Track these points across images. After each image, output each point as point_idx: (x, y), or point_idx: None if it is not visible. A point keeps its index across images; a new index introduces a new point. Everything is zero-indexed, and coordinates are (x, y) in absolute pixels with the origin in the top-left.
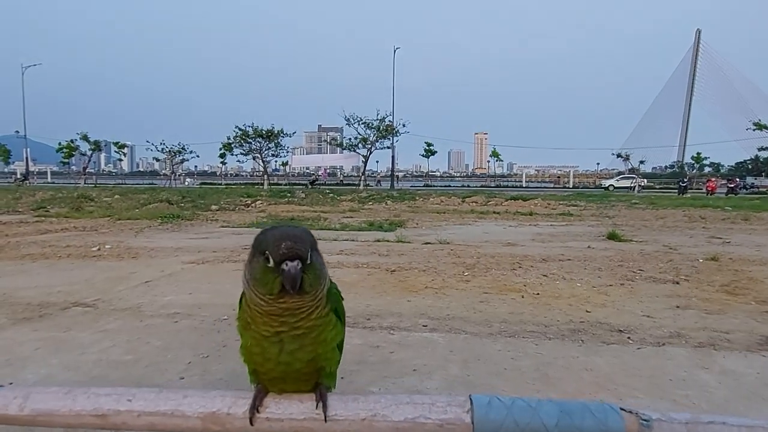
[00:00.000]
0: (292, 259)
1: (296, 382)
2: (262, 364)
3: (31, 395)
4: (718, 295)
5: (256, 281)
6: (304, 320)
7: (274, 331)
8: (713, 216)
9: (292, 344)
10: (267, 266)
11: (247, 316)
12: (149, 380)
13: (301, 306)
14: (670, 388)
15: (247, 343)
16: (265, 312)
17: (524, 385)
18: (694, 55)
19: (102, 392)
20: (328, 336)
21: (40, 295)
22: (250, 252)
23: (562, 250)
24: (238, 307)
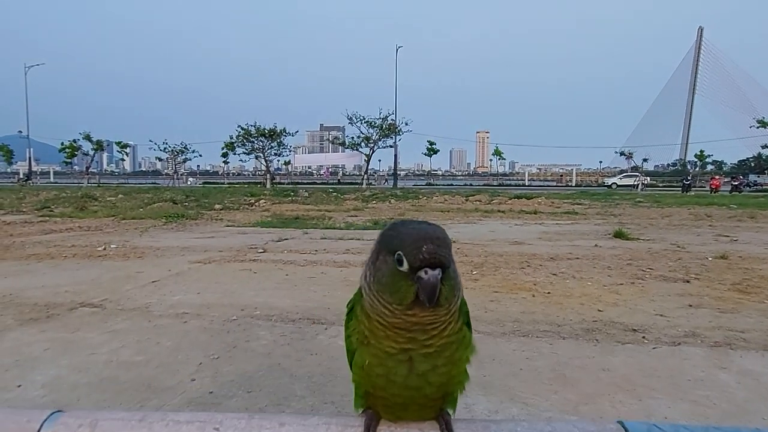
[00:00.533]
0: (432, 267)
1: (421, 409)
2: (385, 388)
3: (99, 423)
4: (730, 294)
5: (382, 287)
6: (435, 338)
7: (400, 347)
8: (719, 214)
9: (424, 365)
10: (399, 270)
11: (364, 328)
12: (161, 382)
13: (434, 321)
14: (690, 389)
15: (364, 361)
16: (389, 324)
17: (541, 385)
18: (696, 53)
19: (182, 418)
20: (462, 355)
21: (46, 295)
22: (374, 248)
23: (570, 248)
24: (348, 315)
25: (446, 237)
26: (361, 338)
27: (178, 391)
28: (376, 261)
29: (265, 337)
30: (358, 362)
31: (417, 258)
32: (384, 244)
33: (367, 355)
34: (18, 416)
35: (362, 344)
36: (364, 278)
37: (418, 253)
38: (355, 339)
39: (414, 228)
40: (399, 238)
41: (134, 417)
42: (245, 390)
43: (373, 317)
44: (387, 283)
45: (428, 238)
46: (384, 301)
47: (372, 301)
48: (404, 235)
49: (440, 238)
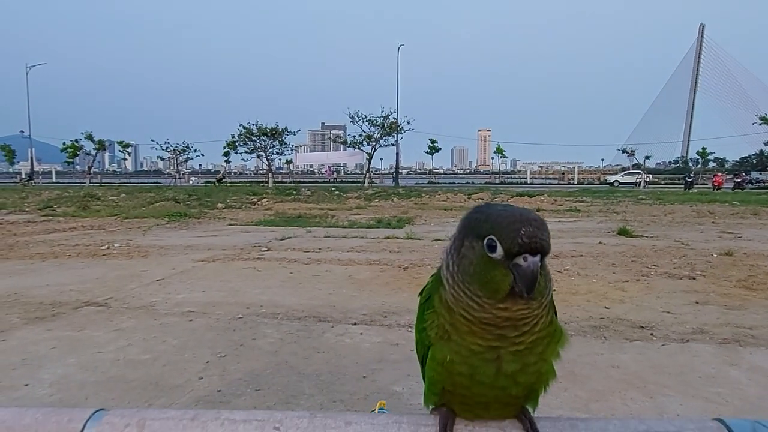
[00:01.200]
0: (533, 253)
1: (502, 407)
2: (468, 387)
3: (147, 422)
4: (736, 291)
5: (469, 277)
6: (527, 334)
7: (487, 345)
8: (722, 211)
9: (513, 364)
10: (490, 258)
11: (444, 322)
12: (169, 380)
13: (526, 316)
14: (701, 386)
15: (444, 358)
16: (476, 319)
17: None
18: (697, 50)
19: (238, 417)
20: (553, 350)
21: (51, 294)
22: (458, 234)
23: (574, 245)
24: (422, 307)
25: (544, 220)
26: (440, 333)
27: (186, 390)
28: (461, 248)
29: (271, 335)
30: (437, 358)
31: (515, 243)
32: (470, 228)
33: (448, 351)
34: (58, 416)
35: (441, 339)
36: (447, 268)
37: (516, 237)
38: (433, 333)
39: (506, 209)
40: (490, 221)
41: (185, 416)
42: (253, 388)
43: (457, 311)
44: (476, 272)
45: (525, 219)
46: (471, 294)
47: (456, 293)
48: (496, 217)
49: (538, 221)
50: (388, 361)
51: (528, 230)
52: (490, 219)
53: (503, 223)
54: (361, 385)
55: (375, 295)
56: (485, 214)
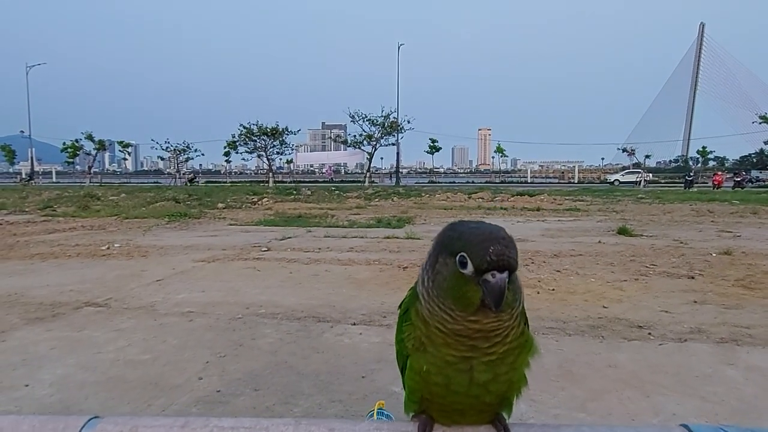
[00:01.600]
0: (501, 270)
1: (477, 414)
2: (444, 396)
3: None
4: (734, 290)
5: (443, 291)
6: (498, 345)
7: (461, 355)
8: (721, 210)
9: (485, 374)
10: (462, 274)
11: (420, 334)
12: (169, 380)
13: (497, 328)
14: (698, 385)
15: (421, 368)
16: (450, 331)
17: (548, 382)
18: (697, 49)
19: (226, 425)
20: (524, 360)
21: (51, 294)
22: (433, 250)
23: (573, 245)
24: (401, 319)
25: (512, 238)
26: (417, 344)
27: (186, 390)
28: (435, 264)
29: (270, 335)
30: (415, 368)
31: (484, 260)
32: (444, 245)
33: (424, 361)
34: (54, 423)
35: (418, 350)
36: (422, 283)
37: (484, 254)
38: (410, 344)
39: (477, 228)
40: (462, 238)
41: (176, 423)
42: (253, 388)
43: (432, 323)
44: (449, 287)
45: (494, 238)
46: (445, 307)
47: (431, 307)
48: (468, 235)
49: (506, 239)
50: (387, 361)
51: (496, 248)
52: (463, 237)
53: (474, 241)
54: (360, 385)
55: (374, 295)
56: (458, 231)
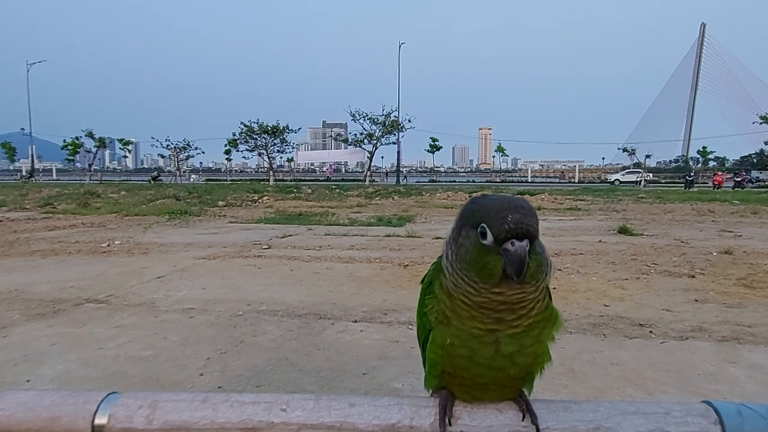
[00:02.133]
0: (520, 238)
1: (500, 389)
2: (468, 368)
3: (159, 404)
4: (735, 289)
5: (466, 264)
6: (523, 317)
7: (486, 328)
8: (722, 209)
9: (511, 346)
10: (483, 244)
11: (444, 307)
12: (170, 376)
13: (521, 300)
14: (700, 383)
15: (444, 341)
16: (474, 304)
17: (551, 380)
18: (698, 49)
19: (247, 399)
20: (549, 334)
21: (52, 290)
22: (456, 224)
23: (574, 244)
24: (423, 292)
25: (532, 207)
26: (440, 317)
27: (187, 386)
28: (458, 237)
29: (272, 332)
30: (438, 341)
31: (502, 228)
32: (466, 218)
33: (448, 334)
34: (74, 398)
35: (441, 323)
36: (446, 257)
37: (503, 223)
38: (433, 318)
39: (497, 199)
40: (482, 210)
41: (196, 398)
42: (254, 384)
43: (457, 296)
44: (471, 259)
45: (514, 207)
46: (469, 280)
47: (456, 279)
48: (487, 206)
49: (525, 208)
50: (389, 358)
51: (514, 217)
52: (482, 208)
53: (492, 212)
54: (361, 381)
55: (375, 293)
56: (478, 204)
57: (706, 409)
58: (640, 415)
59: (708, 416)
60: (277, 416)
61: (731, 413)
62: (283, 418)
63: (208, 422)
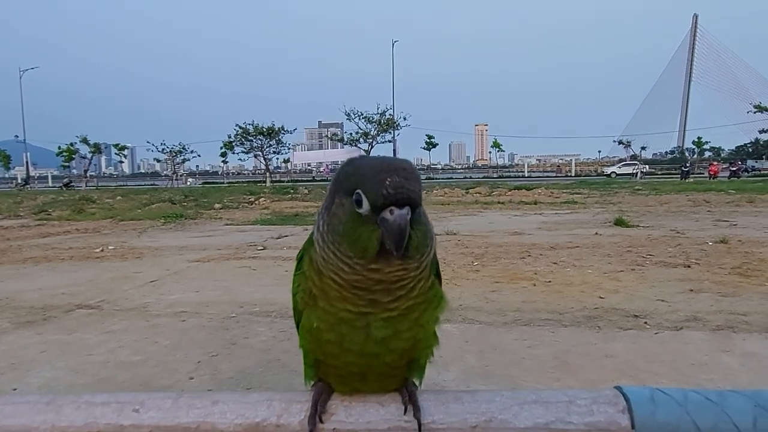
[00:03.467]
0: (400, 205)
1: (380, 379)
2: (337, 356)
3: (0, 408)
4: (730, 278)
5: (338, 236)
6: (402, 299)
7: (357, 311)
8: (717, 199)
9: (384, 330)
10: (358, 213)
11: (312, 286)
12: (159, 381)
13: (402, 278)
14: (693, 373)
15: (311, 324)
16: (346, 283)
17: (544, 373)
18: (691, 40)
19: (98, 400)
20: (431, 316)
21: (43, 297)
22: (330, 191)
23: (570, 237)
24: (296, 268)
25: (414, 169)
26: (307, 298)
27: (176, 390)
28: (331, 206)
29: (264, 333)
30: (306, 325)
31: (380, 194)
32: (340, 182)
33: (315, 318)
34: None
35: (308, 305)
36: (317, 228)
37: (380, 188)
38: (299, 298)
39: (375, 160)
40: (357, 173)
41: (42, 400)
42: (244, 386)
43: (326, 274)
44: (345, 231)
45: (392, 169)
46: (342, 254)
47: (326, 254)
48: (364, 168)
49: (407, 170)
50: None
51: (394, 181)
52: (358, 171)
53: (368, 175)
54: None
55: None
56: (354, 165)
57: (615, 396)
58: (540, 405)
59: (616, 404)
60: (128, 418)
61: (643, 400)
62: (134, 419)
63: (49, 426)
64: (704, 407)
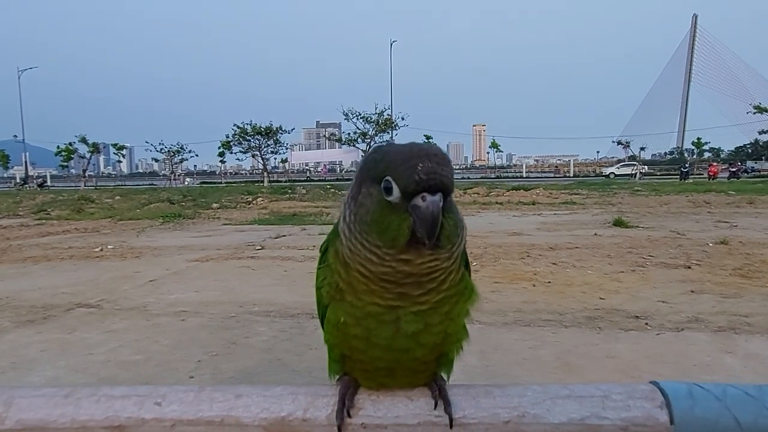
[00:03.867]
0: (432, 191)
1: (409, 374)
2: (364, 351)
3: (15, 401)
4: (732, 279)
5: (366, 226)
6: (432, 292)
7: (386, 305)
8: (717, 200)
9: (414, 324)
10: (388, 201)
11: (338, 279)
12: (160, 380)
13: (433, 270)
14: (696, 374)
15: (338, 319)
16: (374, 275)
17: (546, 374)
18: (691, 41)
19: (117, 393)
20: (462, 309)
21: (43, 297)
22: (356, 180)
23: (569, 238)
24: (320, 261)
25: (446, 154)
26: (333, 292)
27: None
28: (358, 195)
29: (264, 332)
30: (332, 320)
31: (411, 180)
32: (367, 170)
33: (341, 312)
34: None
35: (335, 299)
36: (343, 219)
37: (412, 173)
38: (325, 292)
39: (404, 146)
40: (386, 159)
41: (59, 393)
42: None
43: (354, 266)
44: (373, 220)
45: (424, 154)
46: (370, 245)
47: (353, 245)
48: (393, 154)
49: (438, 155)
50: None
51: (426, 166)
52: (387, 157)
53: (398, 161)
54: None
55: None
56: (382, 152)
57: (652, 391)
58: (573, 400)
59: (654, 399)
60: (150, 411)
61: (681, 395)
62: (156, 413)
63: (68, 420)
64: (744, 402)
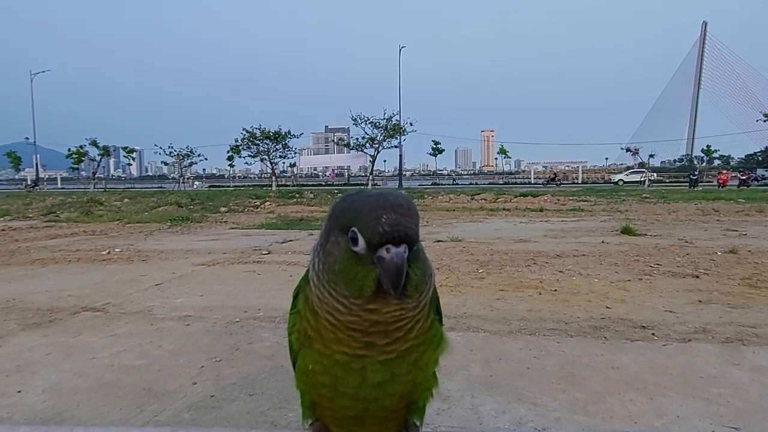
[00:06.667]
0: (396, 243)
1: (379, 422)
2: (332, 399)
3: None
4: (740, 289)
5: (334, 275)
6: (399, 341)
7: (353, 354)
8: (727, 208)
9: (380, 374)
10: (354, 252)
11: (307, 326)
12: (162, 386)
13: (399, 319)
14: (702, 387)
15: (306, 366)
16: (341, 324)
17: (549, 385)
18: (700, 48)
19: None
20: (431, 358)
21: (50, 300)
22: (325, 228)
23: (576, 245)
24: (291, 308)
25: (411, 204)
26: (302, 339)
27: (180, 395)
28: (326, 243)
29: (268, 338)
30: (301, 367)
31: (375, 232)
32: (335, 219)
33: (309, 360)
34: None
35: (304, 345)
36: (312, 267)
37: (376, 225)
38: (294, 339)
39: (371, 196)
40: (352, 209)
41: (37, 430)
42: (247, 393)
43: (322, 314)
44: (340, 270)
45: (388, 206)
46: (337, 294)
47: (321, 293)
48: (359, 204)
49: (403, 206)
50: None
51: (390, 218)
52: (353, 207)
53: (363, 211)
54: None
55: None
56: (349, 201)
57: None
58: None
59: None
60: None
61: None
62: None
63: None
64: None
